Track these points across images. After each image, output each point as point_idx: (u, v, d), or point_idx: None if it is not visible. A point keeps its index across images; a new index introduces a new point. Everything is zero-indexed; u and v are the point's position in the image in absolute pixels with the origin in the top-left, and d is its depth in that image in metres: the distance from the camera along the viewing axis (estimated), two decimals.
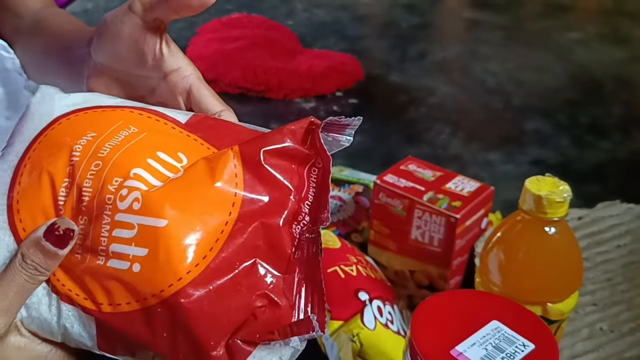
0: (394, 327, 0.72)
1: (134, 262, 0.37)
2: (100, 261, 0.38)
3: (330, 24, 1.96)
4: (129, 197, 0.38)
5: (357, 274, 0.75)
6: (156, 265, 0.36)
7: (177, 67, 0.47)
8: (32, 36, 0.66)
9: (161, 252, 0.36)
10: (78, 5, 1.99)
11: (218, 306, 0.36)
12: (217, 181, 0.38)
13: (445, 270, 0.80)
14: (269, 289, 0.37)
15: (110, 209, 0.38)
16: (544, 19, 2.06)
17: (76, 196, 0.39)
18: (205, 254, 0.36)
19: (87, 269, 0.38)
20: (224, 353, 0.36)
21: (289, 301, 0.37)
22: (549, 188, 0.63)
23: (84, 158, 0.40)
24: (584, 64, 1.70)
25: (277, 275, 0.38)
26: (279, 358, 0.37)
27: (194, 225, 0.37)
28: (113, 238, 0.38)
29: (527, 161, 1.24)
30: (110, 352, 0.38)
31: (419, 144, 1.30)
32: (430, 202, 0.78)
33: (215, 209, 0.37)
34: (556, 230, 0.64)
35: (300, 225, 0.39)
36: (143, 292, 0.36)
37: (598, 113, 1.44)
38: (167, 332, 0.36)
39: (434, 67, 1.69)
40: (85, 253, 0.39)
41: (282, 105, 1.46)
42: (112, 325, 0.37)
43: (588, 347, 0.74)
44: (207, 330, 0.36)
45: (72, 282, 0.39)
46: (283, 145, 0.41)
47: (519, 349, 0.50)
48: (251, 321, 0.36)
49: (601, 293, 0.82)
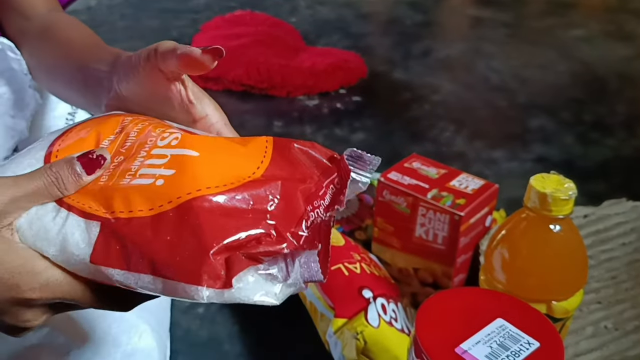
0: (397, 324, 0.72)
1: (158, 179, 0.39)
2: (125, 181, 0.39)
3: (334, 21, 1.96)
4: (169, 137, 0.41)
5: (361, 271, 0.75)
6: (180, 180, 0.38)
7: (204, 114, 0.48)
8: (42, 41, 0.66)
9: (187, 171, 0.39)
10: (81, 3, 1.99)
11: (228, 218, 0.37)
12: (250, 146, 0.42)
13: (449, 267, 0.80)
14: (278, 222, 0.38)
15: (148, 147, 0.41)
16: (548, 16, 2.05)
17: (119, 142, 0.42)
18: (226, 184, 0.38)
19: (107, 187, 0.39)
20: (221, 259, 0.35)
21: (295, 241, 0.38)
22: (554, 186, 0.63)
23: (133, 120, 0.44)
24: (588, 61, 1.69)
25: (288, 223, 0.38)
26: (274, 294, 0.36)
27: (222, 165, 0.39)
28: (144, 165, 0.40)
29: (531, 159, 1.24)
30: (103, 263, 0.37)
31: (423, 141, 1.30)
32: (434, 200, 0.78)
33: (242, 163, 0.40)
34: (561, 228, 0.64)
35: (314, 212, 0.40)
36: (159, 200, 0.37)
37: (602, 110, 1.44)
38: (170, 234, 0.36)
39: (437, 64, 1.69)
40: (111, 178, 0.40)
41: (285, 103, 1.46)
42: (116, 230, 0.37)
43: (592, 345, 0.74)
44: (212, 232, 0.36)
45: (86, 196, 0.39)
46: (313, 151, 0.43)
47: (523, 347, 0.49)
48: (254, 244, 0.36)
49: (606, 291, 0.82)
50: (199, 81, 1.50)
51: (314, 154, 0.42)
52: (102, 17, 1.94)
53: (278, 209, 0.38)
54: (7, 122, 0.69)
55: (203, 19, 1.86)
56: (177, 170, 0.39)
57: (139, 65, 0.46)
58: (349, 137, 1.30)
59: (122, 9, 2.02)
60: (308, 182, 0.40)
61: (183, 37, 1.77)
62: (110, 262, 0.37)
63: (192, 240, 0.36)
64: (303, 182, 0.40)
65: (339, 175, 0.42)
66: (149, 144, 0.41)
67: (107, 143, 0.42)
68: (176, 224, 0.36)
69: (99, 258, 0.37)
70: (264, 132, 1.31)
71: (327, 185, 0.41)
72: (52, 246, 0.38)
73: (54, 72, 0.63)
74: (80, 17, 2.02)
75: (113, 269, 0.37)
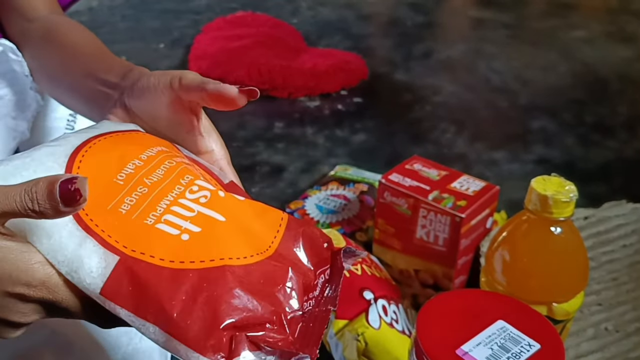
0: (398, 326, 0.72)
1: (184, 233, 0.38)
2: (148, 221, 0.39)
3: (335, 23, 1.96)
4: (198, 192, 0.41)
5: (362, 273, 0.75)
6: (206, 242, 0.38)
7: (211, 149, 0.48)
8: (44, 44, 0.65)
9: (214, 235, 0.39)
10: (83, 4, 1.99)
11: (242, 296, 0.37)
12: (267, 216, 0.43)
13: (450, 269, 0.80)
14: (280, 309, 0.39)
15: (175, 194, 0.41)
16: (549, 18, 2.05)
17: (145, 172, 0.41)
18: (246, 256, 0.39)
19: (129, 220, 0.39)
20: (228, 335, 0.36)
21: (291, 331, 0.39)
22: (555, 188, 0.63)
23: (162, 152, 0.44)
24: (590, 62, 1.69)
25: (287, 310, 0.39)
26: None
27: (244, 234, 0.40)
28: (170, 211, 0.40)
29: (532, 160, 1.24)
30: (112, 299, 0.36)
31: (424, 142, 1.30)
32: (435, 202, 0.78)
33: (261, 234, 0.41)
34: (562, 230, 0.64)
35: (308, 302, 0.41)
36: (183, 256, 0.37)
37: (604, 112, 1.44)
38: (186, 295, 0.36)
39: (439, 65, 1.69)
40: (133, 210, 0.39)
41: (286, 104, 1.46)
42: (133, 270, 0.37)
43: (593, 347, 0.74)
44: (227, 307, 0.36)
45: (106, 222, 0.38)
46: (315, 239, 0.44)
47: (524, 349, 0.49)
48: (258, 328, 0.37)
49: (607, 293, 0.82)
50: None
51: (316, 241, 0.44)
52: (104, 18, 1.95)
53: (283, 296, 0.39)
54: (8, 123, 0.69)
55: (204, 20, 1.86)
56: (203, 229, 0.39)
57: (158, 89, 0.46)
58: (350, 139, 1.30)
59: (123, 10, 2.02)
60: (307, 273, 0.42)
61: (185, 37, 1.77)
62: (119, 300, 0.37)
63: (206, 308, 0.36)
64: (304, 272, 0.41)
65: (331, 267, 0.43)
66: (176, 191, 0.41)
67: (132, 167, 0.42)
68: (194, 287, 0.37)
69: (109, 293, 0.37)
70: (265, 134, 1.31)
71: (319, 275, 0.42)
72: (64, 263, 0.37)
73: (57, 77, 0.63)
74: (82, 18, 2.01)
75: (121, 307, 0.37)
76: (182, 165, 0.44)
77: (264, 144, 1.28)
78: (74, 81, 0.58)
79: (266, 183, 1.15)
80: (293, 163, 1.21)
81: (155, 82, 0.46)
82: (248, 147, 1.26)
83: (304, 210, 0.97)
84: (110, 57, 0.59)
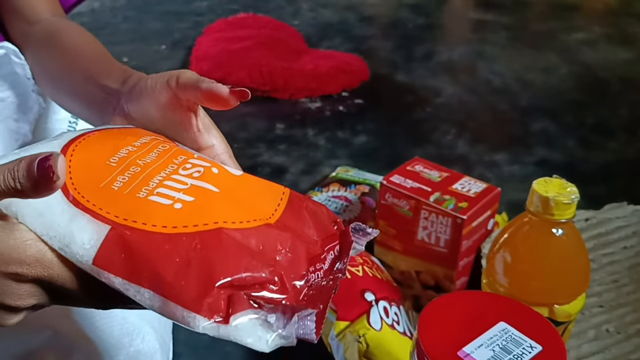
0: (400, 327, 0.72)
1: (177, 202, 0.38)
2: (141, 194, 0.39)
3: (336, 24, 1.96)
4: (191, 169, 0.41)
5: (363, 274, 0.75)
6: (200, 209, 0.38)
7: (211, 144, 0.49)
8: (46, 48, 0.66)
9: (207, 203, 0.39)
10: (84, 5, 1.99)
11: (239, 256, 0.37)
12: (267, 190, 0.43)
13: (452, 271, 0.80)
14: (284, 272, 0.38)
15: (169, 171, 0.41)
16: (550, 20, 2.05)
17: (138, 155, 0.42)
18: (242, 221, 0.39)
19: (121, 194, 0.39)
20: (225, 295, 0.35)
21: (296, 294, 0.38)
22: (557, 190, 0.63)
23: (155, 139, 0.44)
24: (590, 64, 1.69)
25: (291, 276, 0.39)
26: (265, 341, 0.36)
27: (240, 203, 0.40)
28: (163, 184, 0.39)
29: (533, 162, 1.24)
30: (105, 268, 0.36)
31: (425, 144, 1.30)
32: (436, 203, 0.78)
33: (259, 205, 0.41)
34: (563, 231, 0.64)
35: (315, 274, 0.40)
36: (176, 222, 0.37)
37: (604, 114, 1.44)
38: (180, 257, 0.36)
39: (440, 67, 1.69)
40: (126, 187, 0.39)
41: (287, 105, 1.46)
42: (125, 237, 0.36)
43: (594, 349, 0.74)
44: (222, 266, 0.36)
45: (99, 198, 0.38)
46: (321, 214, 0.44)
47: (526, 351, 0.49)
48: (257, 288, 0.36)
49: (608, 294, 0.82)
50: None
51: (322, 217, 0.43)
52: (105, 19, 1.95)
53: (285, 260, 0.39)
54: (10, 125, 0.70)
55: (206, 21, 1.86)
56: (196, 198, 0.39)
57: (155, 89, 0.46)
58: (351, 140, 1.30)
59: (125, 11, 2.02)
60: (313, 244, 0.41)
61: (186, 39, 1.78)
62: (112, 268, 0.36)
63: (201, 268, 0.35)
64: (309, 242, 0.41)
65: (340, 243, 0.42)
66: (169, 168, 0.41)
67: (125, 152, 0.42)
68: (188, 250, 0.36)
69: (102, 262, 0.36)
70: (266, 135, 1.32)
71: (328, 251, 0.42)
72: (56, 238, 0.37)
73: (59, 81, 0.63)
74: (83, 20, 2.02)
75: (115, 275, 0.36)
76: (175, 148, 0.44)
77: (265, 145, 1.28)
78: (74, 85, 0.58)
79: None
80: (294, 164, 1.21)
81: (152, 83, 0.47)
82: (249, 148, 1.27)
83: None
84: (110, 62, 0.59)
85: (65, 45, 0.64)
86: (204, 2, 2.11)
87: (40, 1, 0.69)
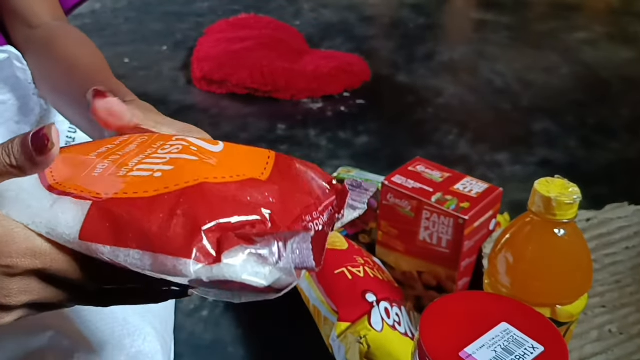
0: (401, 328, 0.72)
1: (156, 172, 0.38)
2: (120, 173, 0.39)
3: (337, 25, 1.96)
4: (170, 148, 0.41)
5: (364, 275, 0.75)
6: (179, 172, 0.38)
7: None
8: (46, 53, 0.65)
9: (186, 167, 0.39)
10: (85, 6, 1.99)
11: (225, 203, 0.37)
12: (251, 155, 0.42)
13: (454, 271, 0.80)
14: (275, 215, 0.38)
15: (149, 153, 0.41)
16: (551, 19, 2.05)
17: (118, 147, 0.42)
18: (225, 176, 0.39)
19: (103, 177, 0.39)
20: (213, 237, 0.35)
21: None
22: (559, 190, 0.63)
23: (132, 136, 0.44)
24: (592, 64, 1.69)
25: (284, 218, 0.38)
26: (263, 275, 0.36)
27: (223, 165, 0.40)
28: (142, 162, 0.40)
29: (534, 162, 1.24)
30: (92, 239, 0.36)
31: (427, 144, 1.30)
32: (438, 204, 0.78)
33: (244, 168, 0.40)
34: (566, 232, 0.64)
35: (313, 223, 0.40)
36: (157, 185, 0.37)
37: (606, 114, 1.44)
38: (164, 212, 0.36)
39: (441, 67, 1.69)
40: (106, 171, 0.39)
41: (289, 106, 1.46)
42: (108, 207, 0.36)
43: (597, 349, 0.74)
44: (207, 211, 0.36)
45: (78, 183, 0.39)
46: (313, 173, 0.43)
47: (528, 351, 0.49)
48: (248, 228, 0.36)
49: (610, 295, 0.82)
50: (204, 84, 1.50)
51: (313, 175, 0.43)
52: (107, 21, 1.95)
53: (276, 207, 0.38)
54: (11, 127, 0.70)
55: (207, 22, 1.86)
56: (176, 167, 0.39)
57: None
58: (353, 140, 1.30)
59: (126, 13, 2.02)
60: (306, 195, 0.40)
61: (188, 40, 1.78)
62: (99, 238, 0.36)
63: (186, 218, 0.35)
64: (301, 193, 0.40)
65: (337, 199, 0.42)
66: (149, 151, 0.41)
67: (105, 149, 0.42)
68: (171, 205, 0.36)
69: (87, 235, 0.36)
70: (267, 135, 1.31)
71: (326, 207, 0.41)
72: (42, 224, 0.38)
73: (57, 90, 0.63)
74: (85, 21, 2.02)
75: (102, 245, 0.36)
76: (156, 135, 0.44)
77: (267, 146, 1.27)
78: (71, 97, 0.59)
79: None
80: None
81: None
82: None
83: None
84: (105, 77, 0.58)
85: (64, 52, 0.64)
86: (205, 3, 2.11)
87: (40, 5, 0.69)
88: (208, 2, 2.12)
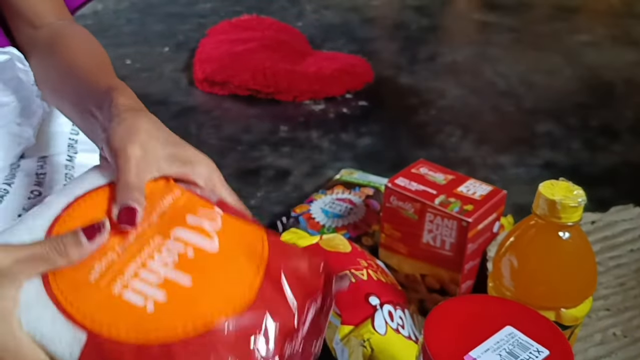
0: (405, 332, 0.71)
1: (148, 301, 0.40)
2: (115, 289, 0.41)
3: (340, 26, 1.96)
4: (167, 255, 0.43)
5: (367, 278, 0.75)
6: (170, 310, 0.40)
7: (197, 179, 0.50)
8: (49, 54, 0.65)
9: (177, 302, 0.41)
10: (87, 8, 1.99)
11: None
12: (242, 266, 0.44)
13: (457, 274, 0.80)
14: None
15: (143, 261, 0.43)
16: (554, 21, 2.05)
17: (114, 238, 0.44)
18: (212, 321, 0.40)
19: (98, 288, 0.41)
20: None
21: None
22: (563, 193, 0.62)
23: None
24: (595, 66, 1.69)
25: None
26: None
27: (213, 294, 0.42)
28: (138, 276, 0.42)
29: (538, 164, 1.23)
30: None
31: (429, 146, 1.29)
32: (441, 206, 0.78)
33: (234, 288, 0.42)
34: (570, 235, 0.64)
35: (292, 344, 0.43)
36: (146, 328, 0.39)
37: (609, 116, 1.43)
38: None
39: (444, 69, 1.69)
40: (103, 277, 0.41)
41: (291, 107, 1.46)
42: (100, 348, 0.39)
43: (601, 353, 0.74)
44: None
45: (75, 292, 0.41)
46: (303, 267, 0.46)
47: (533, 355, 0.49)
48: None
49: (614, 298, 0.82)
50: (206, 86, 1.50)
51: (303, 270, 0.45)
52: (109, 22, 1.95)
53: (259, 344, 0.41)
54: (13, 129, 0.69)
55: (209, 23, 1.86)
56: (169, 296, 0.41)
57: None
58: (355, 142, 1.30)
59: (128, 14, 2.02)
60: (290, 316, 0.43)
61: (190, 41, 1.77)
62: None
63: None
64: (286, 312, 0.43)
65: (322, 292, 0.46)
66: (145, 252, 0.43)
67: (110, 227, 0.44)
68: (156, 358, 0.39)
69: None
70: (270, 137, 1.31)
71: (308, 308, 0.44)
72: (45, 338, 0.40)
73: (59, 91, 0.63)
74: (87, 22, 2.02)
75: None
76: (153, 227, 0.45)
77: (269, 148, 1.27)
78: (73, 97, 0.58)
79: (271, 187, 1.15)
80: (298, 167, 1.21)
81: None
82: (253, 151, 1.26)
83: (310, 214, 0.97)
84: (100, 79, 0.58)
85: (66, 54, 0.63)
86: (207, 4, 2.11)
87: (44, 5, 0.69)
88: (210, 3, 2.12)
